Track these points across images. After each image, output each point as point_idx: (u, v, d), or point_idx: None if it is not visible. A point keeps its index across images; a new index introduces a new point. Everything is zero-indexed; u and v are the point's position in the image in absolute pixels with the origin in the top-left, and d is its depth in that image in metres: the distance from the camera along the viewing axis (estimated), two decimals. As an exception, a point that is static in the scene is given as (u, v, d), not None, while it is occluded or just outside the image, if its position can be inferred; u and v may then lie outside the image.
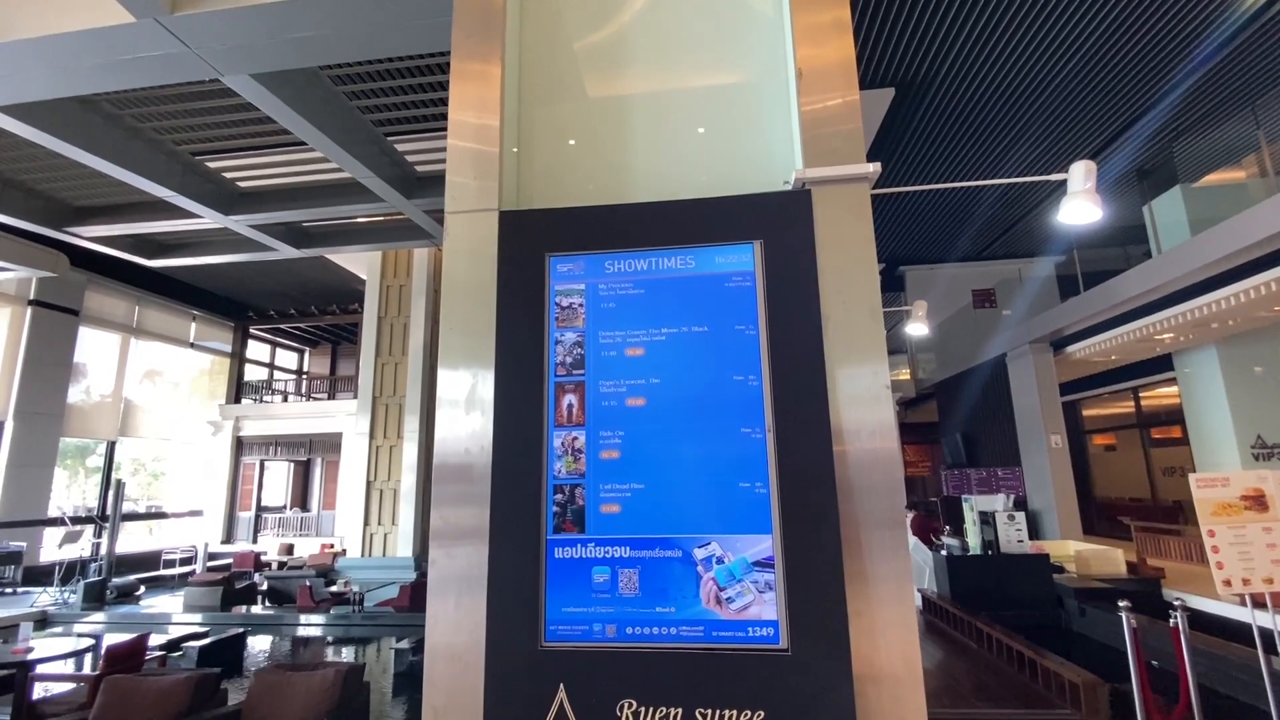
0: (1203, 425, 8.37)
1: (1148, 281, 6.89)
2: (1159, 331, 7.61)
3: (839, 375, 1.23)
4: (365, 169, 3.90)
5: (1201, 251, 6.24)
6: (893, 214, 10.39)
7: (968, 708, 4.09)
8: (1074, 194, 2.68)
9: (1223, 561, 3.24)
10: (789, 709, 1.10)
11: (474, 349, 1.36)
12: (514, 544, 1.24)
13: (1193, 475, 3.36)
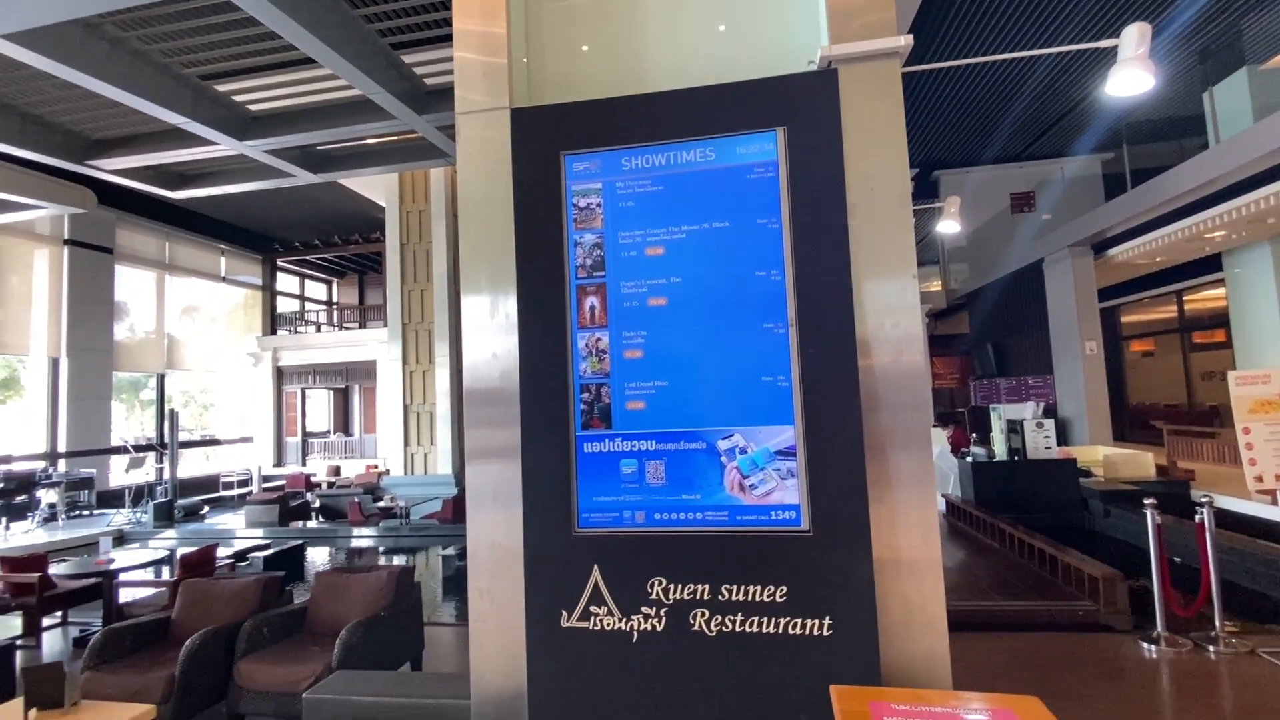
0: (1249, 327, 8.08)
1: (1203, 174, 6.46)
2: (1211, 229, 7.22)
3: (863, 265, 1.20)
4: (374, 84, 3.79)
5: (1265, 138, 5.80)
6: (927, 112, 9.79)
7: (986, 600, 4.26)
8: (1125, 61, 2.47)
9: (1256, 458, 3.22)
10: (810, 585, 1.16)
11: (494, 258, 1.36)
12: (545, 441, 1.29)
13: (1232, 373, 3.29)
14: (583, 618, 1.23)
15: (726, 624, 1.17)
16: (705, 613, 1.18)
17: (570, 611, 1.23)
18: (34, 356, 10.81)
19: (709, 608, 1.18)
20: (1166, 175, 6.77)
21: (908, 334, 1.20)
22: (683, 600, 1.19)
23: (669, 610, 1.20)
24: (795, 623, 1.15)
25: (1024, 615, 4.04)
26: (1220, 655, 3.36)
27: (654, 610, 1.20)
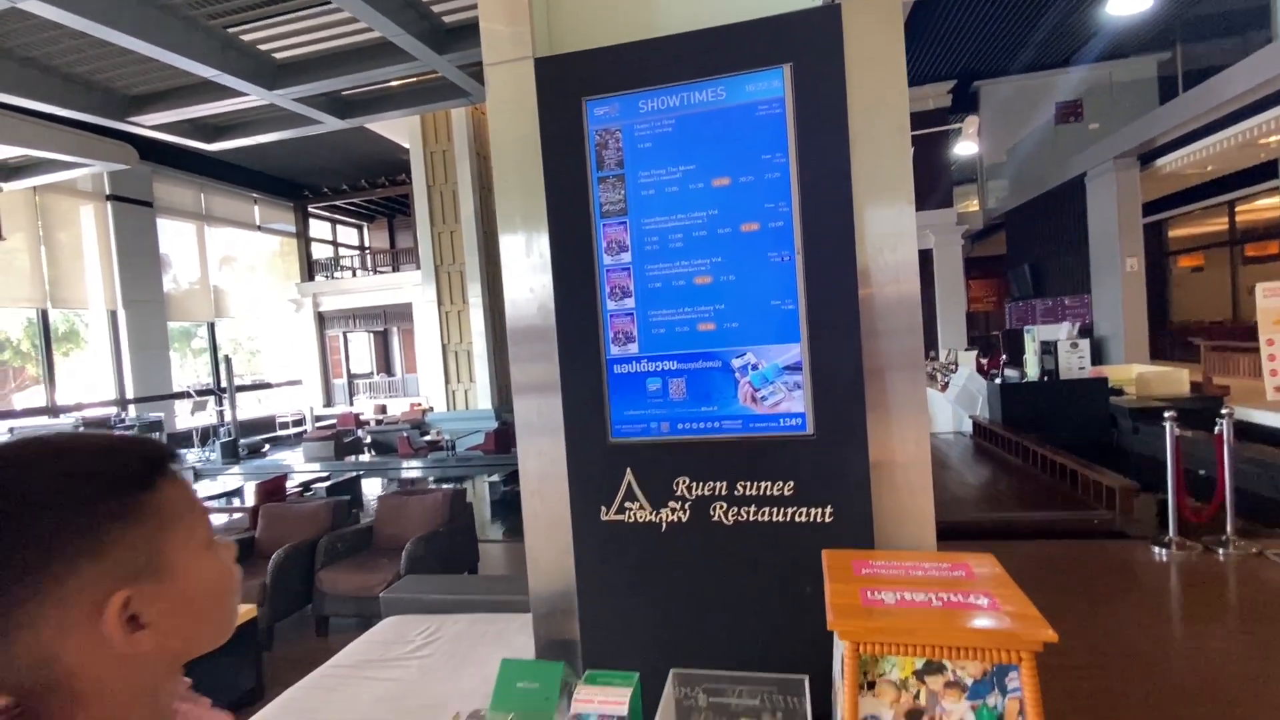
0: (1305, 237, 7.74)
1: (1260, 73, 6.07)
2: (1267, 134, 6.83)
3: (864, 195, 1.31)
4: (393, 25, 3.82)
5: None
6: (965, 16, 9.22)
7: (1006, 511, 4.44)
8: None
9: (1278, 369, 3.24)
10: (813, 480, 1.33)
11: (527, 200, 1.50)
12: (581, 366, 1.46)
13: (1260, 284, 3.26)
14: (619, 512, 1.43)
15: (741, 514, 1.37)
16: (723, 505, 1.38)
17: (608, 507, 1.44)
18: (93, 310, 11.43)
19: (726, 501, 1.38)
20: (1220, 76, 6.36)
21: (904, 259, 1.31)
22: (704, 495, 1.39)
23: (692, 504, 1.39)
24: (800, 512, 1.34)
25: (1042, 525, 4.23)
26: (1229, 557, 3.52)
27: (679, 504, 1.40)
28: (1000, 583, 0.86)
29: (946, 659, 0.77)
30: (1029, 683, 0.74)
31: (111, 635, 0.41)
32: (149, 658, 0.43)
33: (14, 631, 0.39)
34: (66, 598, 0.40)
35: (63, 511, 0.41)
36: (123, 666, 0.42)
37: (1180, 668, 2.63)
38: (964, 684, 0.77)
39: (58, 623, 0.40)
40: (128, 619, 0.42)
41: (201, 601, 0.46)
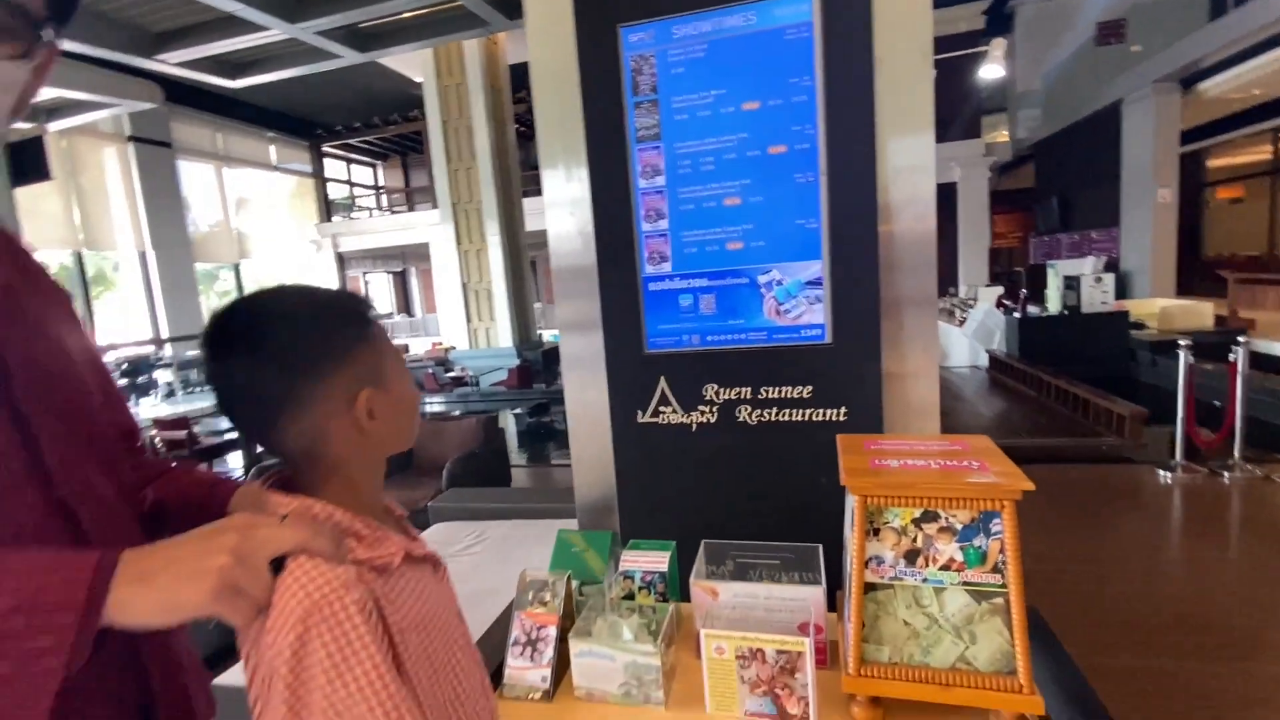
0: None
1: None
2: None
3: (885, 118, 1.39)
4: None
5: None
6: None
7: (1017, 439, 4.59)
8: None
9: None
10: (830, 384, 1.47)
11: (566, 129, 1.59)
12: (618, 284, 1.59)
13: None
14: (653, 415, 1.59)
15: (764, 416, 1.52)
16: (748, 408, 1.53)
17: (644, 411, 1.60)
18: (122, 252, 11.68)
19: (750, 404, 1.53)
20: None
21: (921, 193, 1.40)
22: (730, 399, 1.54)
23: (719, 407, 1.55)
24: (818, 413, 1.49)
25: (1051, 451, 4.38)
26: (1234, 480, 3.65)
27: (708, 408, 1.56)
28: (990, 453, 1.00)
29: (940, 508, 0.92)
30: (1009, 526, 0.89)
31: (359, 420, 0.59)
32: (375, 443, 0.61)
33: (298, 411, 0.57)
34: (332, 392, 0.57)
35: (329, 331, 0.59)
36: (361, 446, 0.60)
37: (1171, 579, 2.82)
38: (955, 529, 0.93)
39: (325, 409, 0.57)
40: (367, 411, 0.59)
41: (405, 407, 0.63)
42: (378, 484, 0.65)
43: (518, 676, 1.14)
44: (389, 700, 0.52)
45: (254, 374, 0.56)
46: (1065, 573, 2.87)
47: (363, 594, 0.53)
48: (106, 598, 0.47)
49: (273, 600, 0.51)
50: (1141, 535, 3.19)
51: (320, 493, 0.59)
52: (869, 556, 0.96)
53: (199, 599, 0.48)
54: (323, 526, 0.55)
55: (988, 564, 0.92)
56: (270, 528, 0.51)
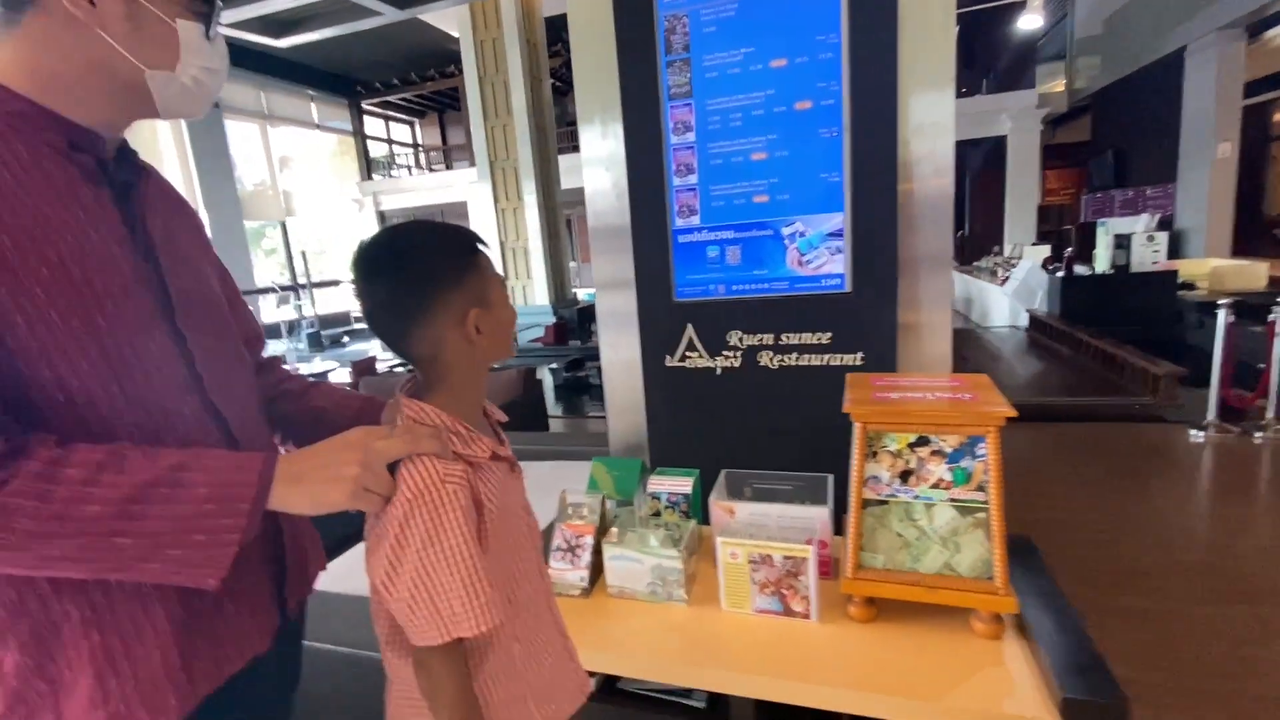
0: None
1: None
2: None
3: (908, 75, 1.45)
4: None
5: None
6: None
7: (1048, 398, 4.59)
8: None
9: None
10: (848, 330, 1.58)
11: (603, 86, 1.69)
12: (650, 235, 1.70)
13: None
14: (681, 360, 1.72)
15: (786, 360, 1.64)
16: (770, 353, 1.65)
17: (672, 355, 1.73)
18: (176, 210, 12.14)
19: (773, 349, 1.64)
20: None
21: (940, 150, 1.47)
22: (753, 345, 1.66)
23: (743, 352, 1.67)
24: (836, 357, 1.59)
25: (1084, 409, 4.37)
26: (1266, 440, 3.62)
27: (732, 353, 1.68)
28: (984, 387, 1.11)
29: (932, 434, 1.04)
30: (993, 448, 1.01)
31: (470, 333, 0.73)
32: (480, 353, 0.76)
33: (424, 323, 0.72)
34: (450, 307, 0.72)
35: (449, 259, 0.73)
36: (470, 356, 0.75)
37: (1190, 531, 2.87)
38: (944, 452, 1.04)
39: (444, 320, 0.72)
40: (475, 327, 0.73)
41: (504, 325, 0.78)
42: (480, 390, 0.80)
43: (559, 577, 1.31)
44: (467, 565, 0.68)
45: (394, 291, 0.71)
46: (1089, 523, 2.95)
47: (457, 483, 0.69)
48: (270, 491, 0.63)
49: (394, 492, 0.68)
50: (1165, 490, 3.23)
51: (435, 394, 0.75)
52: (868, 476, 1.09)
53: (340, 497, 0.65)
54: (429, 430, 0.71)
55: (973, 483, 1.03)
56: (385, 439, 0.68)
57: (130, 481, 0.57)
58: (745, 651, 1.10)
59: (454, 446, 0.72)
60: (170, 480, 0.59)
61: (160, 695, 0.65)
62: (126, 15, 0.64)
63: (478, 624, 0.67)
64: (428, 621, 0.67)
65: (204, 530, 0.60)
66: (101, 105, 0.66)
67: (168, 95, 0.69)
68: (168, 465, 0.59)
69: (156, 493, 0.58)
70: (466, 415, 0.76)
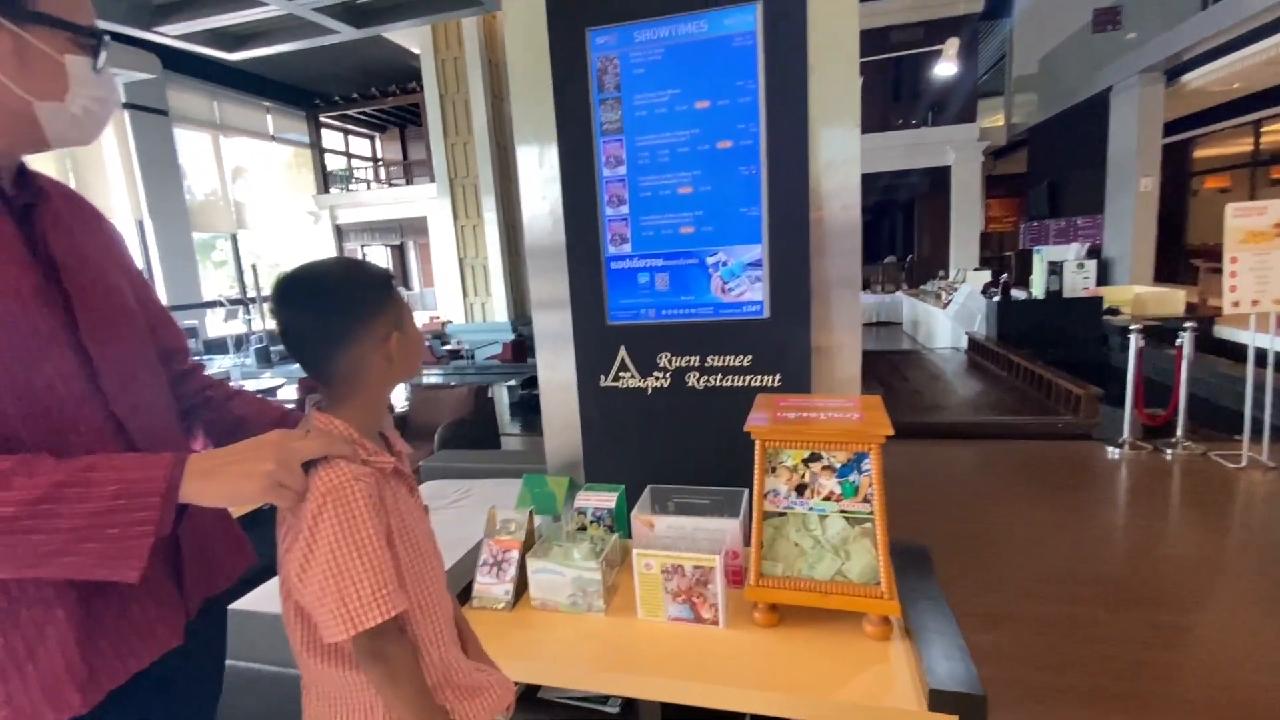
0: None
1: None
2: (1301, 47, 6.61)
3: (817, 119, 1.57)
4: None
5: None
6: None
7: (981, 417, 4.83)
8: None
9: (1237, 285, 3.46)
10: (767, 353, 1.68)
11: (539, 119, 1.77)
12: (584, 262, 1.78)
13: (1231, 204, 3.43)
14: (614, 380, 1.80)
15: (711, 381, 1.73)
16: (696, 374, 1.74)
17: (605, 376, 1.80)
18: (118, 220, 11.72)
19: (699, 370, 1.73)
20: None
21: (847, 182, 1.59)
22: (681, 366, 1.74)
23: (672, 373, 1.75)
24: (756, 378, 1.69)
25: (1013, 428, 4.62)
26: (1175, 457, 3.89)
27: (662, 374, 1.76)
28: (873, 408, 1.21)
29: (823, 450, 1.14)
30: (875, 464, 1.11)
31: (390, 354, 0.81)
32: (396, 371, 0.84)
33: (349, 346, 0.78)
34: (373, 331, 0.79)
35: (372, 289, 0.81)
36: (384, 375, 0.82)
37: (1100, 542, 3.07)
38: (834, 467, 1.14)
39: (367, 343, 0.79)
40: (394, 348, 0.81)
41: (416, 346, 0.86)
42: (382, 408, 0.87)
43: (484, 591, 1.36)
44: (375, 555, 0.74)
45: (323, 316, 0.79)
46: (1010, 535, 3.12)
47: (369, 484, 0.76)
48: (180, 486, 0.68)
49: (308, 489, 0.74)
50: (1082, 504, 3.44)
51: (341, 411, 0.82)
52: (768, 490, 1.18)
53: (254, 490, 0.71)
54: (340, 438, 0.77)
55: (860, 496, 1.13)
56: (301, 440, 0.74)
57: (41, 483, 0.61)
58: (657, 658, 1.16)
59: (361, 455, 0.79)
60: (81, 480, 0.63)
61: (63, 692, 0.69)
62: (14, 51, 0.67)
63: (384, 610, 0.73)
64: (334, 614, 0.72)
65: (117, 524, 0.63)
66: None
67: (57, 125, 0.73)
68: (79, 467, 0.64)
69: (68, 492, 0.62)
70: (366, 431, 0.83)
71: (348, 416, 0.81)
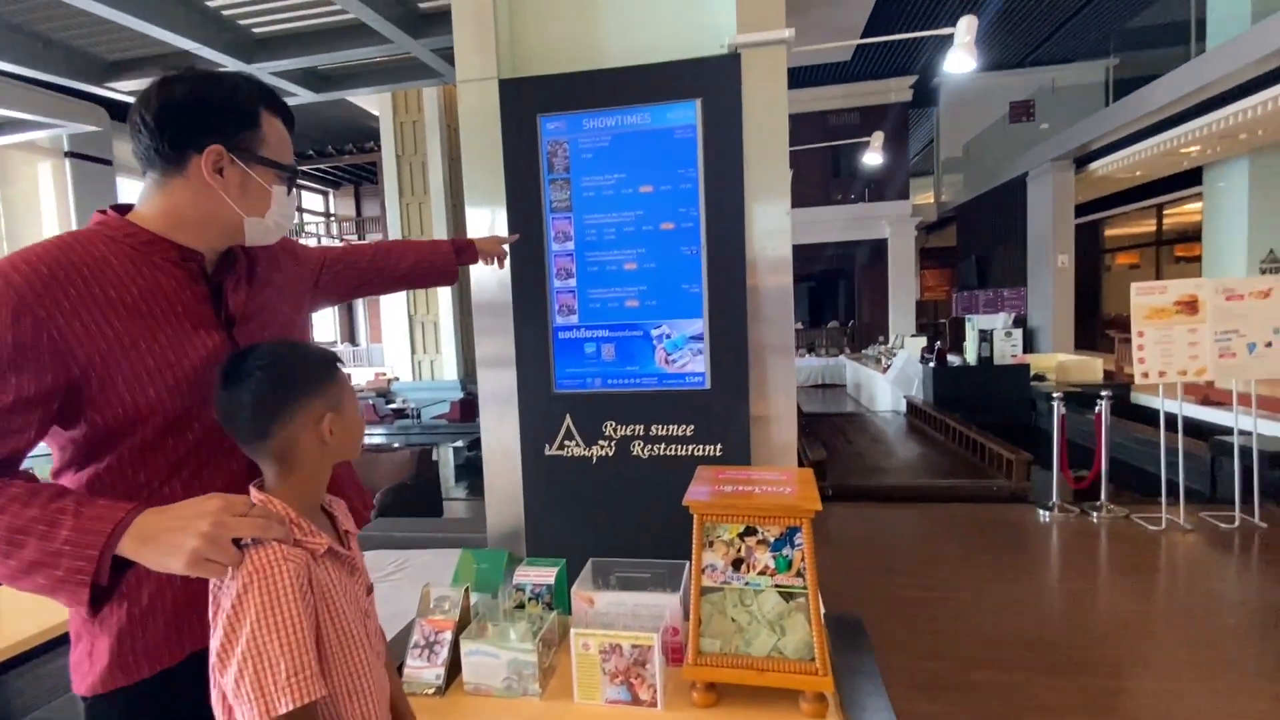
0: (1218, 241, 8.41)
1: (1178, 89, 6.63)
2: (1186, 144, 7.44)
3: (753, 203, 1.68)
4: (370, 10, 4.01)
5: (1239, 54, 5.93)
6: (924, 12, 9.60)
7: (920, 480, 4.97)
8: (957, 46, 2.92)
9: (1145, 358, 3.76)
10: (709, 424, 1.72)
11: (491, 195, 1.83)
12: (532, 331, 1.81)
13: (1135, 284, 3.76)
14: (559, 448, 1.80)
15: (655, 450, 1.75)
16: (641, 443, 1.76)
17: (550, 444, 1.80)
18: (48, 269, 11.17)
19: (643, 440, 1.76)
20: (1142, 91, 6.92)
21: (780, 256, 1.70)
22: (626, 435, 1.76)
23: (617, 442, 1.77)
24: (699, 448, 1.73)
25: (950, 491, 4.76)
26: (1100, 519, 4.08)
27: (607, 442, 1.78)
28: (805, 482, 1.26)
29: (758, 524, 1.16)
30: (806, 539, 1.14)
31: (324, 434, 0.82)
32: (330, 453, 0.85)
33: (285, 424, 0.80)
34: (310, 411, 0.81)
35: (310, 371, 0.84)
36: (319, 454, 0.83)
37: (1032, 606, 3.15)
38: (769, 541, 1.16)
39: (301, 423, 0.81)
40: (328, 429, 0.82)
41: (354, 429, 0.88)
42: (321, 487, 0.87)
43: (415, 675, 1.30)
44: (296, 637, 0.72)
45: (260, 394, 0.80)
46: (950, 599, 3.17)
47: (297, 566, 0.75)
48: (117, 546, 0.74)
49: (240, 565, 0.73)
50: (1018, 567, 3.55)
51: (279, 488, 0.81)
52: (705, 564, 1.19)
53: (178, 565, 0.73)
54: (277, 518, 0.77)
55: (793, 570, 1.16)
56: (238, 519, 0.74)
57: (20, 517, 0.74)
58: (593, 744, 1.13)
59: (295, 535, 0.78)
60: (48, 520, 0.74)
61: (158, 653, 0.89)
62: (240, 183, 0.91)
63: (299, 695, 0.70)
64: (249, 697, 0.69)
65: (62, 568, 0.74)
66: (207, 236, 0.93)
67: (255, 231, 0.95)
68: (54, 507, 0.75)
69: (35, 529, 0.74)
70: (305, 508, 0.83)
71: (285, 494, 0.81)
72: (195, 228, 0.91)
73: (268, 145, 0.93)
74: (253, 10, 4.33)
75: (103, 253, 0.85)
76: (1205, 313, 3.75)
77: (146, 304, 0.86)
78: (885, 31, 10.61)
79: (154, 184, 0.90)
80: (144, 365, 0.84)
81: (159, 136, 0.87)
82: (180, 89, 0.88)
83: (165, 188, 0.90)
